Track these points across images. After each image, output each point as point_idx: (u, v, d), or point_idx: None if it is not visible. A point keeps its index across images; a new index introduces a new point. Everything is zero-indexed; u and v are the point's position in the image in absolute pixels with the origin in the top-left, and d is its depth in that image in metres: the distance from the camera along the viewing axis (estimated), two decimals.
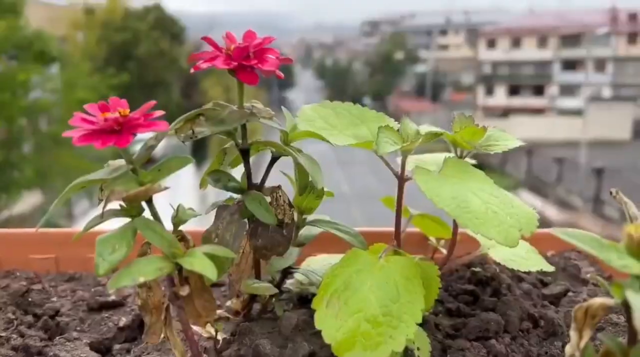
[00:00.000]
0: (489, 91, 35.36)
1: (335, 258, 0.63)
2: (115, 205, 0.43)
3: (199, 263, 0.40)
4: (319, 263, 0.64)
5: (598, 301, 0.38)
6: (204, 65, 0.46)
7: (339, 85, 50.17)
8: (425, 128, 0.57)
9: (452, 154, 0.60)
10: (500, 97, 35.02)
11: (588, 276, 0.72)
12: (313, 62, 65.63)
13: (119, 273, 0.40)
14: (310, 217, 0.61)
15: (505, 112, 31.64)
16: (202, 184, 0.53)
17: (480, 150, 0.57)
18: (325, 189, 0.63)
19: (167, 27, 14.55)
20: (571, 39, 32.66)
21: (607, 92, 31.82)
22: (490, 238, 0.47)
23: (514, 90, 34.88)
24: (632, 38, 31.35)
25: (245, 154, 0.51)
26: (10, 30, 8.46)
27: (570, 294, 0.67)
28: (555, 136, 25.92)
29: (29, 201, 9.35)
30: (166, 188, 0.42)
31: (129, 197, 0.42)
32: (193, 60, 0.47)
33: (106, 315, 0.65)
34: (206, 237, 0.49)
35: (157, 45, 13.75)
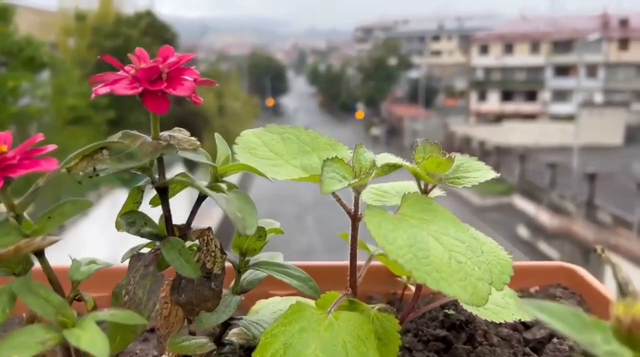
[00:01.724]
0: (482, 97, 35.48)
1: (292, 302, 0.55)
2: None
3: (88, 338, 0.32)
4: (269, 308, 0.56)
5: None
6: (102, 91, 0.38)
7: (332, 91, 50.22)
8: (383, 158, 0.48)
9: (414, 183, 0.52)
10: (493, 103, 35.13)
11: None
12: (306, 67, 65.74)
13: None
14: (255, 259, 0.52)
15: (498, 118, 31.73)
16: (117, 227, 0.45)
17: (447, 184, 0.49)
18: (275, 226, 0.55)
19: (159, 33, 14.47)
20: (563, 45, 32.87)
21: (599, 98, 32.00)
22: (452, 296, 0.39)
23: (506, 96, 35.01)
24: (623, 44, 31.58)
25: (163, 193, 0.43)
26: (0, 36, 8.37)
27: (555, 340, 0.59)
28: (548, 141, 26.01)
29: None
30: (57, 240, 0.34)
31: (6, 254, 0.33)
32: (94, 83, 0.39)
33: None
34: (116, 294, 0.41)
35: (149, 52, 13.67)
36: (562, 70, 33.25)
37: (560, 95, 33.45)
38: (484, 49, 35.60)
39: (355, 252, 0.49)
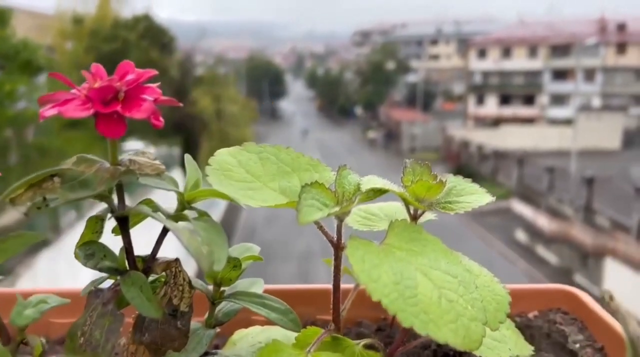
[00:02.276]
0: (480, 101, 35.53)
1: (272, 332, 0.51)
2: None
3: None
4: (247, 340, 0.52)
5: None
6: (49, 113, 0.34)
7: (330, 94, 50.29)
8: (368, 181, 0.44)
9: (403, 208, 0.48)
10: (491, 107, 35.17)
11: (577, 346, 0.60)
12: (304, 71, 65.87)
13: None
14: (231, 288, 0.48)
15: (496, 122, 31.78)
16: (77, 258, 0.41)
17: (438, 210, 0.45)
18: (254, 252, 0.51)
19: (157, 36, 14.44)
20: (561, 49, 32.96)
21: (596, 102, 32.08)
22: (443, 341, 0.35)
23: (504, 100, 35.06)
24: (620, 48, 31.68)
25: (123, 223, 0.39)
26: None
27: None
28: (545, 145, 26.03)
29: (13, 213, 9.16)
30: None
31: None
32: (43, 102, 0.35)
33: None
34: (71, 335, 0.37)
35: (147, 55, 13.64)
36: (560, 75, 33.33)
37: (558, 100, 33.52)
38: (482, 53, 35.68)
39: (339, 283, 0.45)
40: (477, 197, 0.47)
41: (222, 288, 0.47)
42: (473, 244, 16.79)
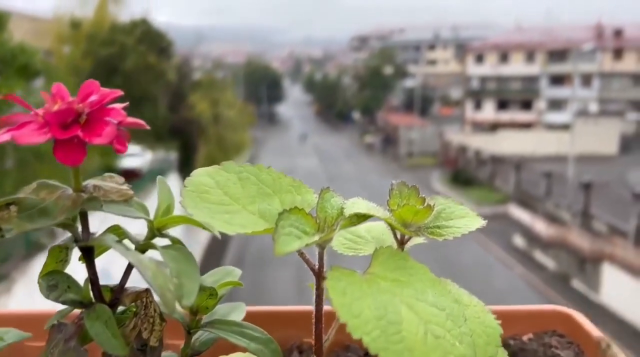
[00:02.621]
0: (477, 106, 35.62)
1: None
2: None
3: None
4: None
5: None
6: (3, 138, 0.31)
7: (327, 99, 50.38)
8: (353, 204, 0.42)
9: (389, 232, 0.46)
10: (489, 112, 35.26)
11: None
12: (302, 76, 66.01)
13: None
14: (209, 316, 0.46)
15: (494, 127, 31.85)
16: (40, 289, 0.38)
17: (426, 235, 0.43)
18: (234, 277, 0.48)
19: (155, 41, 14.43)
20: (558, 55, 33.10)
21: (593, 107, 32.19)
22: None
23: (502, 105, 35.16)
24: (617, 54, 31.83)
25: (87, 252, 0.36)
26: None
27: None
28: (543, 150, 26.08)
29: None
30: None
31: None
32: (1, 125, 0.32)
33: None
34: None
35: (144, 59, 13.63)
36: (557, 80, 33.46)
37: (556, 105, 33.63)
38: (480, 58, 35.80)
39: (321, 314, 0.42)
40: (467, 221, 0.44)
41: (197, 317, 0.45)
42: (471, 249, 16.76)
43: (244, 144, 19.22)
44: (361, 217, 0.40)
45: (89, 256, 0.36)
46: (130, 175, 13.59)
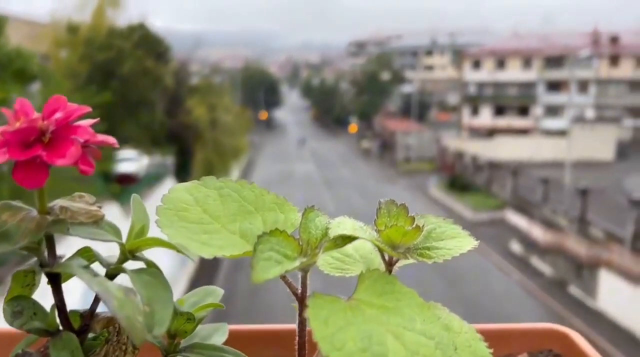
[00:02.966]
0: (474, 111, 35.74)
1: None
2: None
3: None
4: None
5: None
6: None
7: (325, 104, 50.48)
8: (338, 224, 0.40)
9: (377, 254, 0.44)
10: (486, 118, 35.36)
11: None
12: (300, 81, 66.15)
13: None
14: (188, 339, 0.44)
15: (491, 133, 31.94)
16: (4, 315, 0.36)
17: (415, 257, 0.41)
18: (214, 298, 0.46)
19: (152, 45, 14.43)
20: (555, 61, 33.26)
21: (590, 113, 32.33)
22: None
23: (499, 111, 35.29)
24: (613, 60, 32.01)
25: (54, 277, 0.34)
26: None
27: None
28: (540, 156, 26.14)
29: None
30: None
31: None
32: None
33: None
34: None
35: (141, 64, 13.63)
36: (554, 86, 33.61)
37: (552, 111, 33.76)
38: (477, 64, 35.94)
39: (304, 340, 0.40)
40: (458, 242, 0.42)
41: (176, 340, 0.43)
42: (468, 255, 16.71)
43: (241, 149, 19.22)
44: (346, 239, 0.38)
45: (55, 282, 0.34)
46: (126, 180, 13.55)
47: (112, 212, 10.64)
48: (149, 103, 14.31)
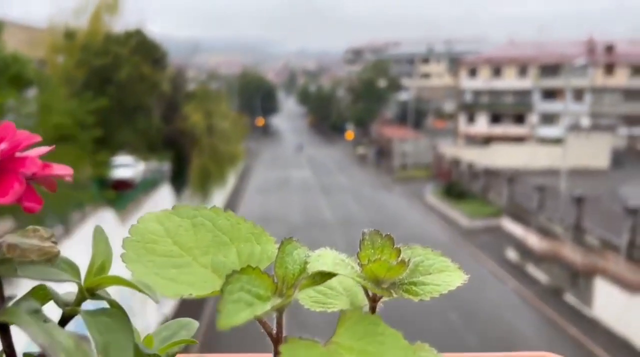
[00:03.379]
0: (471, 119, 35.88)
1: None
2: None
3: None
4: None
5: None
6: None
7: (322, 111, 50.60)
8: (318, 258, 0.37)
9: (359, 289, 0.41)
10: (482, 125, 35.51)
11: None
12: (297, 88, 66.29)
13: None
14: None
15: (487, 140, 32.05)
16: None
17: (400, 294, 0.38)
18: (187, 333, 0.44)
19: (149, 51, 14.44)
20: (550, 69, 33.47)
21: (585, 121, 32.51)
22: None
23: (495, 119, 35.44)
24: (608, 69, 32.23)
25: (1, 326, 0.31)
26: None
27: None
28: (535, 164, 26.22)
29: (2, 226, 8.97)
30: None
31: None
32: None
33: None
34: None
35: (138, 70, 13.62)
36: (550, 94, 33.80)
37: (548, 119, 33.93)
38: (473, 72, 36.13)
39: None
40: (447, 277, 0.40)
41: None
42: (464, 262, 16.69)
43: (237, 155, 19.18)
44: (326, 276, 0.36)
45: (2, 327, 0.30)
46: (122, 186, 13.50)
47: (107, 218, 10.57)
48: (145, 109, 14.29)
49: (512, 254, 17.05)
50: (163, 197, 15.09)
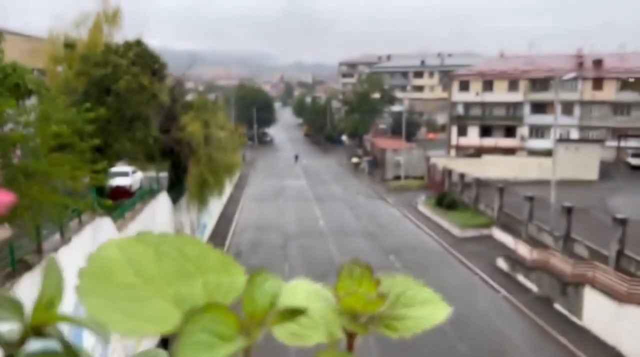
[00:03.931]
0: (462, 131, 36.21)
1: None
2: None
3: None
4: None
5: None
6: None
7: (317, 122, 50.84)
8: (291, 292, 0.37)
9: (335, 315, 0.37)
10: (473, 137, 35.86)
11: None
12: (293, 99, 66.58)
13: None
14: None
15: (478, 152, 32.32)
16: None
17: (380, 329, 0.37)
18: None
19: (148, 62, 14.47)
20: (540, 83, 33.93)
21: (574, 134, 32.94)
22: None
23: (486, 131, 35.79)
24: (597, 83, 32.70)
25: None
26: None
27: None
28: (526, 175, 26.53)
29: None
30: None
31: None
32: None
33: None
34: None
35: (137, 80, 13.63)
36: (540, 107, 34.19)
37: (538, 131, 34.33)
38: (465, 86, 36.50)
39: None
40: (429, 310, 0.37)
41: None
42: (456, 271, 16.91)
43: (234, 164, 19.21)
44: (296, 313, 0.33)
45: None
46: (120, 194, 13.59)
47: (104, 226, 10.55)
48: (144, 119, 14.26)
49: (502, 264, 17.13)
50: (161, 206, 15.15)
